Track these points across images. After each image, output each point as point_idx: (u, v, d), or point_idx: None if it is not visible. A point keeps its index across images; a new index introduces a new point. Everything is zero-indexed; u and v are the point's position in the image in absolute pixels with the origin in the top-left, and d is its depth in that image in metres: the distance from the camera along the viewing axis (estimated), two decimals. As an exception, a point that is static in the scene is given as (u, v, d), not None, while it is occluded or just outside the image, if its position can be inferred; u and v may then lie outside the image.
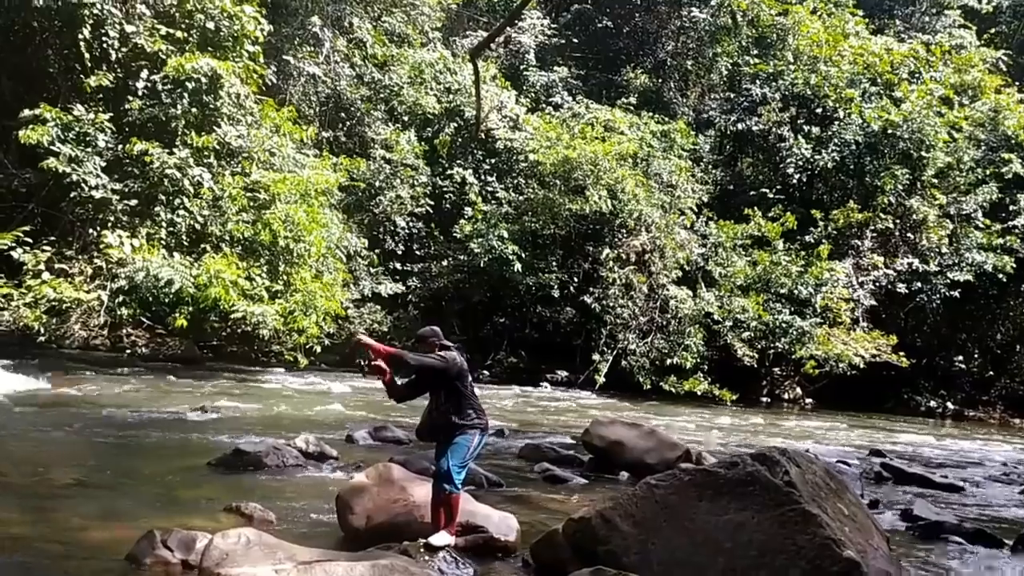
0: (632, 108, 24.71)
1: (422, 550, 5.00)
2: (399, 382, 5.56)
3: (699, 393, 21.16)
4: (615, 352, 21.69)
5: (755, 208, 23.72)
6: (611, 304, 21.79)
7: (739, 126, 25.55)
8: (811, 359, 21.71)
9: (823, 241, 23.32)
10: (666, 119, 24.86)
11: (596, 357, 21.61)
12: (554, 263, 22.11)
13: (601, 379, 21.13)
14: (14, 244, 14.93)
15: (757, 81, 26.02)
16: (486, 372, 21.54)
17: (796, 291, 22.22)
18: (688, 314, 21.89)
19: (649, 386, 21.34)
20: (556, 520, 6.57)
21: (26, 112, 15.32)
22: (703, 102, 27.89)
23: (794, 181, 24.42)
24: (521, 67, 25.87)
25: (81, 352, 16.32)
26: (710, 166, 25.43)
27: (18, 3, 16.39)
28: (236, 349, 19.36)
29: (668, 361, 21.49)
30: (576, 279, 22.13)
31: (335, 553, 4.65)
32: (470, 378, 5.62)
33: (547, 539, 5.15)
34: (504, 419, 13.81)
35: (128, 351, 17.25)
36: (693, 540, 4.58)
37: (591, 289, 21.93)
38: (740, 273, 22.59)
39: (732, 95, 27.03)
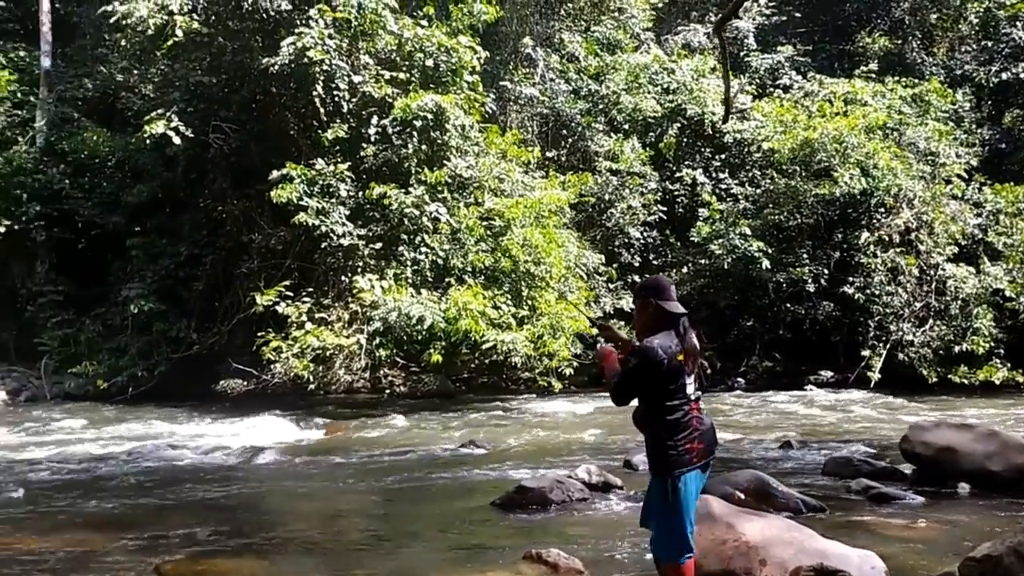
0: (873, 76, 22.40)
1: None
2: None
3: (997, 382, 18.50)
4: (887, 345, 19.50)
5: (1037, 164, 20.66)
6: (876, 292, 19.63)
7: (1003, 76, 22.45)
8: None
9: None
10: (914, 81, 22.32)
11: (866, 352, 19.50)
12: (804, 256, 20.30)
13: (875, 376, 19.03)
14: (277, 299, 15.67)
15: (1018, 23, 22.77)
16: (741, 380, 20.10)
17: (1105, 252, 18.96)
18: (972, 293, 19.27)
19: (935, 378, 18.96)
20: (915, 554, 5.42)
21: (275, 173, 16.10)
22: (953, 57, 24.86)
23: (1082, 126, 21.04)
24: (741, 53, 24.30)
25: (346, 396, 16.88)
26: (973, 125, 22.49)
27: (257, 74, 17.41)
28: (487, 380, 19.32)
29: (956, 349, 18.99)
30: (827, 271, 20.17)
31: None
32: (689, 383, 3.88)
33: (939, 586, 4.05)
34: (780, 429, 12.54)
35: (387, 391, 17.65)
36: None
37: (850, 279, 19.92)
38: (1030, 240, 19.63)
39: (989, 43, 23.86)
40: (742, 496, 6.52)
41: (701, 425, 3.88)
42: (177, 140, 16.46)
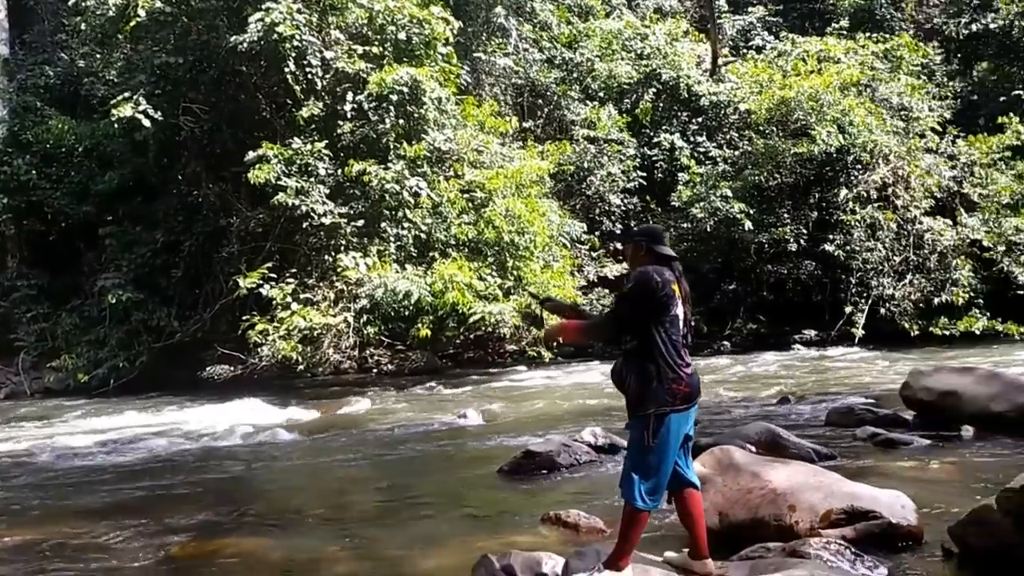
0: (845, 32, 22.41)
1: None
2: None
3: (978, 332, 18.70)
4: (870, 300, 19.64)
5: (1009, 115, 20.76)
6: (856, 249, 19.75)
7: (972, 27, 22.54)
8: (1114, 272, 18.58)
9: (1103, 135, 20.03)
10: (885, 37, 22.35)
11: (848, 309, 19.65)
12: (785, 215, 20.37)
13: (859, 332, 19.18)
14: (261, 282, 15.42)
15: (986, -26, 22.91)
16: (727, 343, 20.17)
17: (1079, 199, 19.18)
18: (950, 245, 19.46)
19: (917, 331, 19.15)
20: (935, 494, 5.41)
21: (250, 154, 15.80)
22: (922, 11, 24.93)
23: (1053, 75, 21.20)
24: (714, 16, 24.22)
25: (333, 377, 16.71)
26: (945, 78, 22.59)
27: (225, 53, 17.01)
28: (473, 354, 19.23)
29: (936, 301, 19.18)
30: (807, 230, 20.22)
31: (727, 565, 3.77)
32: (678, 313, 3.76)
33: (976, 518, 4.00)
34: (775, 386, 12.59)
35: (375, 370, 17.51)
36: None
37: (830, 237, 20.00)
38: (1005, 190, 19.80)
39: (957, -6, 23.98)
40: (754, 448, 6.49)
41: (688, 368, 3.76)
42: (147, 123, 16.06)
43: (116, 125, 16.43)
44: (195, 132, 17.59)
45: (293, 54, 16.08)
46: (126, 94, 16.39)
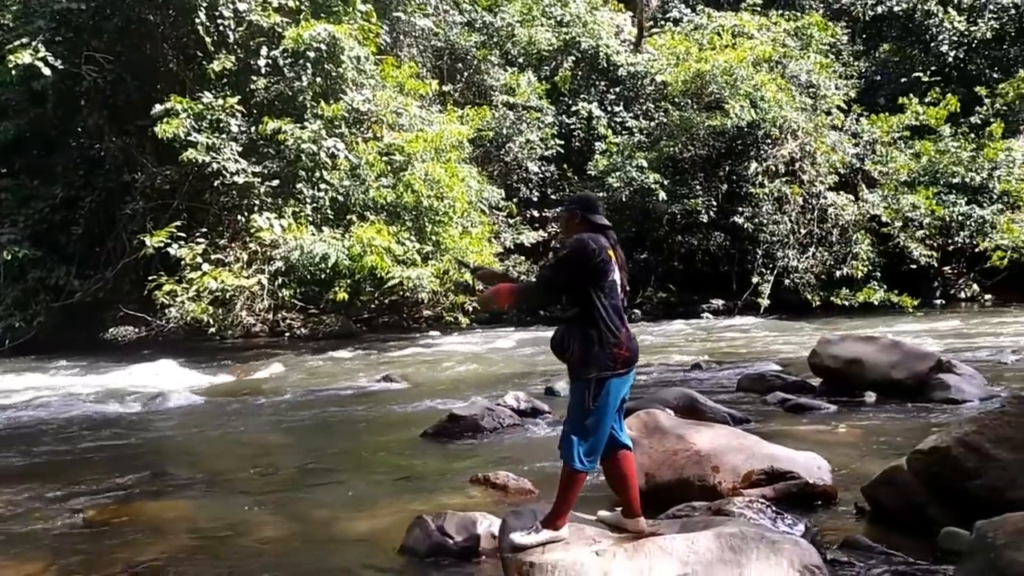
0: (759, 9, 22.90)
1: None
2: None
3: (876, 303, 19.63)
4: (775, 271, 20.36)
5: (909, 96, 21.68)
6: (764, 221, 20.40)
7: (878, 9, 23.36)
8: (996, 250, 19.71)
9: (992, 120, 21.12)
10: (796, 15, 22.95)
11: (755, 279, 20.33)
12: (697, 187, 20.85)
13: (765, 302, 19.87)
14: (169, 240, 14.92)
15: (893, -43, 23.74)
16: (637, 311, 20.58)
17: (969, 178, 20.23)
18: (851, 220, 20.30)
19: (819, 302, 19.99)
20: (844, 456, 5.70)
21: (158, 107, 15.18)
22: (831, -9, 25.64)
23: (950, 59, 22.22)
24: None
25: (244, 340, 16.35)
26: (851, 58, 23.36)
27: (131, 0, 16.24)
28: (388, 319, 19.11)
29: (837, 273, 20.02)
30: (716, 201, 20.74)
31: (658, 523, 3.89)
32: (615, 279, 3.79)
33: (887, 478, 4.24)
34: (687, 353, 12.95)
35: (287, 334, 17.21)
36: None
37: (739, 209, 20.59)
38: (903, 168, 20.75)
39: (865, -23, 24.74)
40: (672, 412, 6.67)
41: (627, 332, 3.83)
42: (46, 72, 15.24)
43: (12, 73, 15.49)
44: (98, 82, 16.77)
45: (204, 4, 15.48)
46: (23, 40, 15.47)
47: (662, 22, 23.93)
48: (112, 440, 7.72)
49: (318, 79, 16.01)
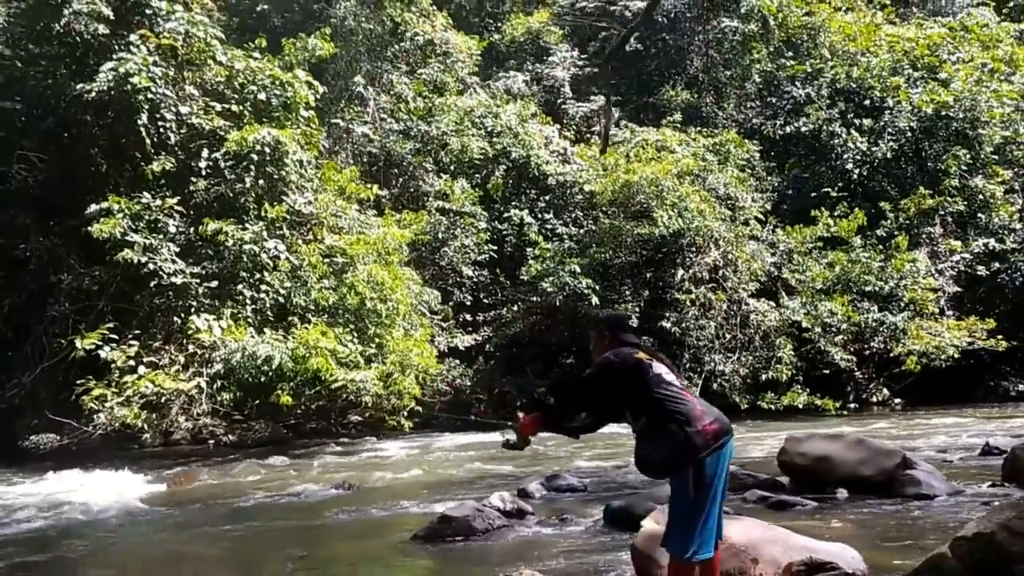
0: (678, 125, 24.21)
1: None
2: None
3: (800, 407, 20.26)
4: (702, 375, 20.85)
5: (820, 209, 23.05)
6: (690, 326, 20.99)
7: (787, 129, 25.01)
8: (910, 355, 20.77)
9: (896, 233, 22.60)
10: (714, 132, 24.36)
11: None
12: (626, 292, 21.40)
13: (694, 404, 20.21)
14: (100, 343, 14.28)
15: (796, 82, 25.60)
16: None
17: (879, 287, 21.43)
18: (773, 326, 21.09)
19: (746, 405, 20.48)
20: (862, 548, 5.79)
21: (93, 207, 14.80)
22: (741, 111, 27.37)
23: (855, 176, 23.79)
24: (559, 101, 25.47)
25: (165, 449, 15.54)
26: (765, 173, 24.80)
27: (68, 102, 16.02)
28: (316, 425, 18.56)
29: (763, 377, 20.65)
30: (640, 307, 21.29)
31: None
32: (660, 371, 3.92)
33: (930, 566, 4.34)
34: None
35: (211, 441, 16.48)
36: None
37: (666, 314, 21.16)
38: (819, 276, 21.83)
39: (773, 99, 26.53)
40: (657, 507, 6.68)
41: (704, 407, 3.89)
42: (-26, 169, 14.73)
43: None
44: (28, 181, 16.26)
45: (147, 106, 15.38)
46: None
47: (588, 135, 24.98)
48: (37, 555, 7.11)
49: (260, 181, 15.94)
